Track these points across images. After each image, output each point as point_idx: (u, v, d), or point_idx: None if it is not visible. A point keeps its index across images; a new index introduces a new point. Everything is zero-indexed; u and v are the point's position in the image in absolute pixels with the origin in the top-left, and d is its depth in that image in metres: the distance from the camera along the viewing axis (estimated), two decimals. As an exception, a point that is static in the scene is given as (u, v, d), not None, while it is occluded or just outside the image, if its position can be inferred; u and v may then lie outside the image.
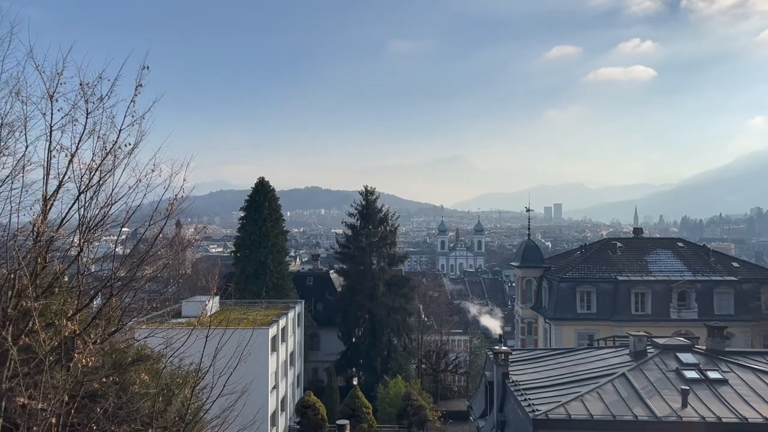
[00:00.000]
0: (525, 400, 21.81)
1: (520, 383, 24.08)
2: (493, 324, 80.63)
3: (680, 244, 56.65)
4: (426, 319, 73.27)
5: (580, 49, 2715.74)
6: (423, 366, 65.75)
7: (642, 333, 27.20)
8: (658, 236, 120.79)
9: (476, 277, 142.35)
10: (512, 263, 65.76)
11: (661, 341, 26.47)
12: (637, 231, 64.76)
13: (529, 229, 64.14)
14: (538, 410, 20.50)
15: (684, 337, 29.03)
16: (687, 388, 21.34)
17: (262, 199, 61.72)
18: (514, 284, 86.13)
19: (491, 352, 27.13)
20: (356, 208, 65.84)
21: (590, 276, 51.54)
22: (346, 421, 42.42)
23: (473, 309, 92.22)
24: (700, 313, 47.81)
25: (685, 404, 20.65)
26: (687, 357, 24.53)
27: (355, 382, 53.27)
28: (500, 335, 53.30)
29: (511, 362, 26.21)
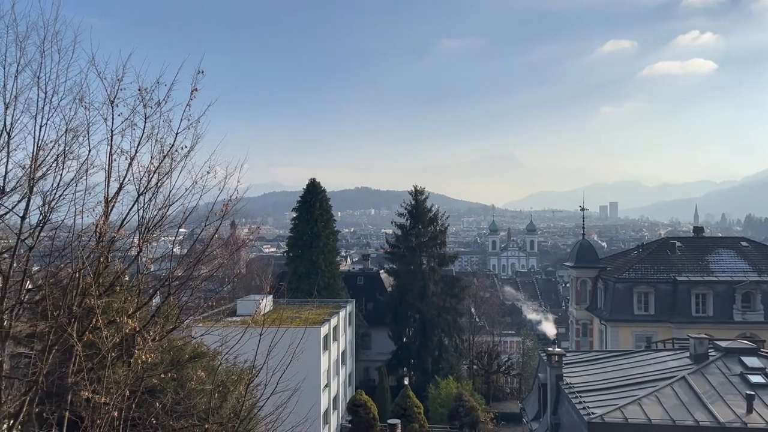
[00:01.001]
0: (580, 402, 21.34)
1: (575, 386, 23.57)
2: (546, 325, 79.30)
3: (744, 244, 54.26)
4: (477, 319, 72.66)
5: (635, 43, 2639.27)
6: (474, 367, 65.22)
7: (703, 335, 26.22)
8: (720, 235, 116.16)
9: (529, 278, 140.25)
10: (566, 263, 64.40)
11: (723, 344, 25.42)
12: (698, 230, 62.34)
13: (583, 228, 62.63)
14: (593, 413, 20.02)
15: (749, 341, 27.80)
16: (752, 393, 20.41)
17: (313, 200, 62.49)
18: (568, 285, 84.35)
19: (544, 354, 26.68)
20: (406, 208, 65.87)
21: (648, 276, 50.00)
22: (398, 421, 42.49)
23: (526, 310, 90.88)
24: (766, 316, 45.74)
25: (750, 410, 19.77)
26: (752, 361, 23.47)
27: (406, 382, 53.29)
28: (554, 337, 52.36)
29: (565, 364, 25.68)
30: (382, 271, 74.33)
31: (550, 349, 26.18)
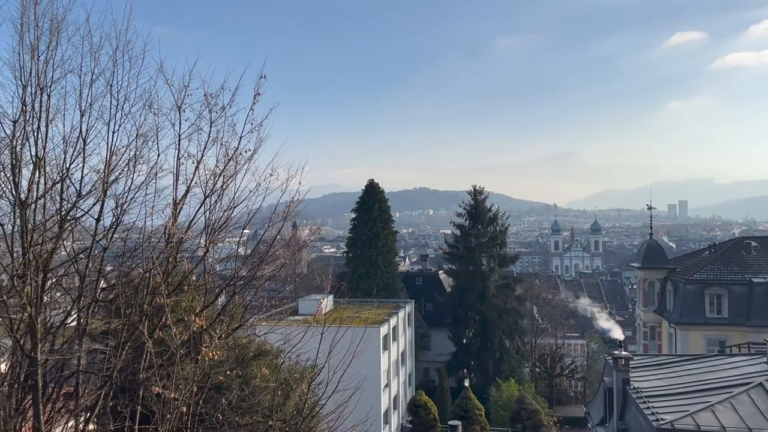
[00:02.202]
0: (648, 408, 20.59)
1: (643, 390, 22.76)
2: (612, 328, 76.86)
3: (827, 243, 51.07)
4: (540, 321, 71.31)
5: (704, 34, 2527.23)
6: (537, 369, 64.06)
7: (783, 340, 24.81)
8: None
9: (593, 279, 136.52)
10: (633, 264, 62.32)
11: (805, 350, 23.98)
12: (776, 229, 59.10)
13: (651, 227, 60.39)
14: (663, 419, 19.27)
15: (834, 346, 26.10)
16: (838, 402, 19.17)
17: (372, 201, 62.90)
18: (634, 286, 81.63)
19: (610, 357, 25.90)
20: (465, 208, 65.39)
21: (721, 278, 47.73)
22: (458, 422, 42.23)
23: (590, 312, 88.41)
24: None
25: (835, 420, 18.57)
26: (837, 368, 22.05)
27: (466, 384, 52.87)
28: (620, 340, 50.79)
29: (633, 368, 24.84)
30: (441, 271, 74.04)
31: (616, 352, 25.40)
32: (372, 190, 63.74)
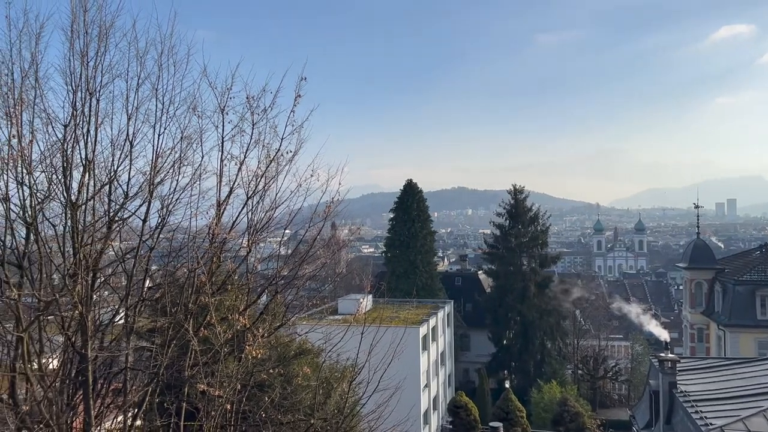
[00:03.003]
0: (696, 412, 20.01)
1: (691, 394, 22.13)
2: (657, 330, 74.83)
3: None
4: (582, 322, 70.06)
5: (753, 26, 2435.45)
6: (579, 372, 62.96)
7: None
8: None
9: (638, 279, 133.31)
10: (679, 264, 60.61)
11: None
12: (832, 228, 56.69)
13: (698, 226, 58.63)
14: (712, 424, 18.69)
15: None
16: None
17: (410, 201, 62.83)
18: (681, 287, 79.43)
19: (656, 360, 25.26)
20: (504, 208, 64.73)
21: (773, 279, 46.04)
22: (500, 424, 41.81)
23: (635, 313, 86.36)
24: None
25: None
26: None
27: (507, 385, 52.30)
28: (666, 342, 49.42)
29: (680, 371, 24.18)
30: (481, 271, 73.44)
31: (662, 354, 24.77)
32: (410, 189, 63.67)
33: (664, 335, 67.78)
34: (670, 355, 24.59)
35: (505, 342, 62.28)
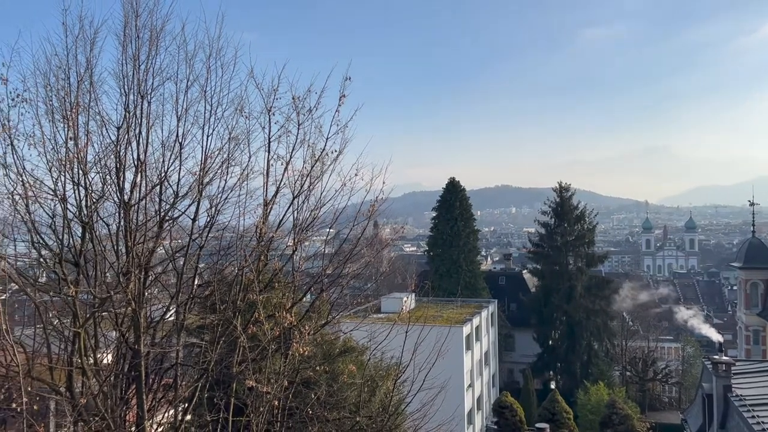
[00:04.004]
0: (753, 417, 19.27)
1: (747, 398, 21.33)
2: (709, 331, 72.62)
3: None
4: (630, 323, 68.44)
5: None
6: (628, 373, 61.50)
7: None
8: None
9: (688, 279, 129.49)
10: (733, 264, 58.52)
11: None
12: None
13: (753, 225, 56.41)
14: (770, 431, 17.98)
15: None
16: None
17: (453, 199, 62.48)
18: (735, 287, 76.71)
19: (709, 362, 24.45)
20: (549, 206, 63.74)
21: (835, 279, 44.01)
22: (546, 425, 41.22)
23: (686, 314, 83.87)
24: None
25: None
26: None
27: (552, 386, 51.52)
28: (719, 344, 47.87)
29: (735, 374, 23.33)
30: (525, 271, 72.55)
31: (716, 357, 23.96)
32: (453, 188, 63.30)
33: (717, 337, 65.80)
34: (724, 358, 23.77)
35: (550, 342, 61.37)
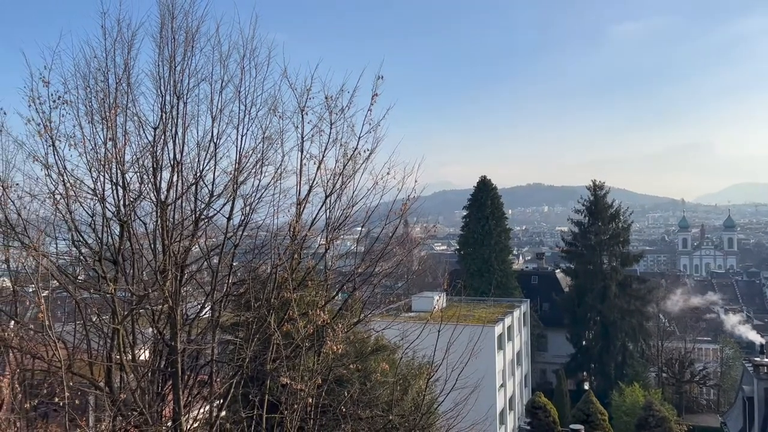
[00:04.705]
0: (797, 422, 18.73)
1: (790, 402, 20.75)
2: (749, 333, 70.72)
3: None
4: (666, 324, 67.06)
5: None
6: (664, 375, 60.31)
7: None
8: None
9: (727, 279, 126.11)
10: (774, 263, 56.93)
11: None
12: None
13: (795, 223, 54.84)
14: (815, 435, 17.45)
15: None
16: None
17: (484, 198, 62.09)
18: (776, 287, 74.44)
19: (750, 364, 23.86)
20: (583, 204, 62.92)
21: None
22: (581, 427, 40.73)
23: (724, 315, 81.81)
24: None
25: None
26: None
27: (586, 387, 50.84)
28: (761, 345, 46.53)
29: (777, 377, 22.72)
30: (558, 270, 71.74)
31: (757, 359, 23.36)
32: (484, 186, 62.90)
33: (757, 339, 64.09)
34: (765, 360, 23.16)
35: (584, 343, 60.58)
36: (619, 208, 62.59)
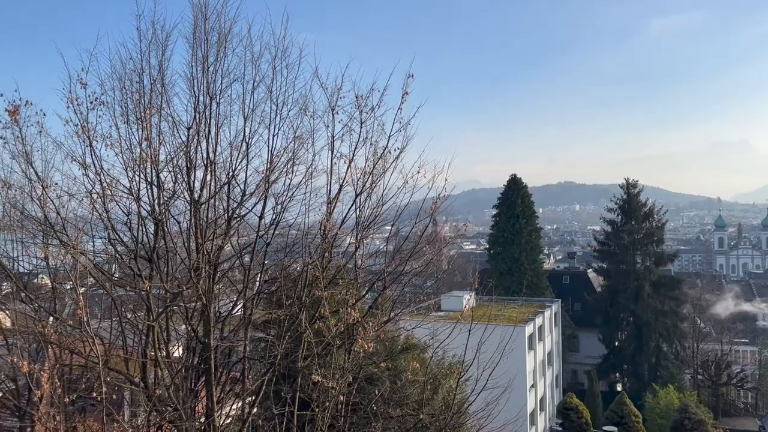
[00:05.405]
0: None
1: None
2: (789, 334, 68.76)
3: None
4: (702, 325, 65.59)
5: None
6: (699, 377, 59.00)
7: None
8: None
9: (766, 280, 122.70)
10: (815, 263, 55.26)
11: None
12: None
13: (838, 222, 53.07)
14: None
15: None
16: None
17: (514, 196, 61.52)
18: (818, 288, 72.17)
19: (790, 367, 23.15)
20: (616, 203, 61.95)
21: None
22: (614, 429, 40.17)
23: (763, 316, 79.67)
24: None
25: None
26: None
27: (619, 388, 50.05)
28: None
29: (819, 381, 22.01)
30: (590, 270, 70.77)
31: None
32: (514, 184, 62.31)
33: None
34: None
35: (616, 343, 59.68)
36: (653, 207, 61.48)
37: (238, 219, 10.38)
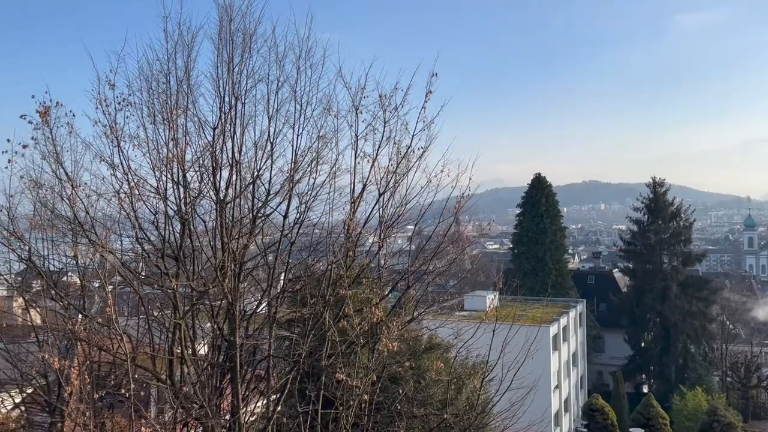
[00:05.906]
0: None
1: None
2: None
3: None
4: (731, 326, 64.39)
5: None
6: (728, 379, 57.92)
7: None
8: None
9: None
10: None
11: None
12: None
13: None
14: None
15: None
16: None
17: (538, 195, 61.07)
18: None
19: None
20: (642, 202, 61.18)
21: None
22: (641, 430, 39.64)
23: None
24: None
25: None
26: None
27: (645, 390, 49.37)
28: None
29: None
30: (616, 270, 69.99)
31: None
32: (538, 183, 61.86)
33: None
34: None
35: (642, 344, 58.97)
36: (680, 206, 60.61)
37: (263, 218, 10.45)
